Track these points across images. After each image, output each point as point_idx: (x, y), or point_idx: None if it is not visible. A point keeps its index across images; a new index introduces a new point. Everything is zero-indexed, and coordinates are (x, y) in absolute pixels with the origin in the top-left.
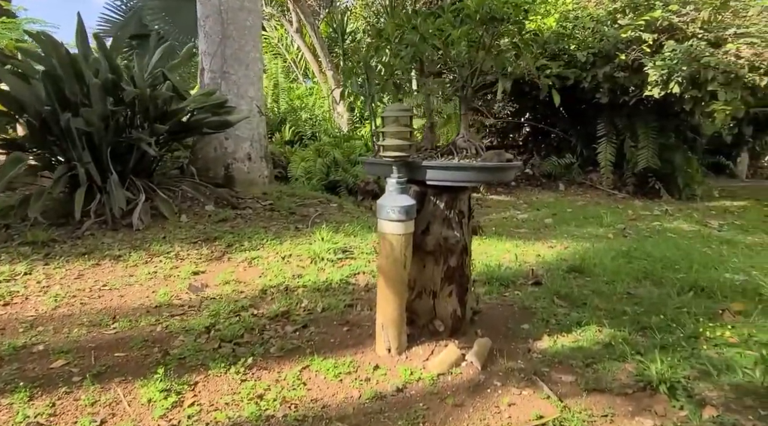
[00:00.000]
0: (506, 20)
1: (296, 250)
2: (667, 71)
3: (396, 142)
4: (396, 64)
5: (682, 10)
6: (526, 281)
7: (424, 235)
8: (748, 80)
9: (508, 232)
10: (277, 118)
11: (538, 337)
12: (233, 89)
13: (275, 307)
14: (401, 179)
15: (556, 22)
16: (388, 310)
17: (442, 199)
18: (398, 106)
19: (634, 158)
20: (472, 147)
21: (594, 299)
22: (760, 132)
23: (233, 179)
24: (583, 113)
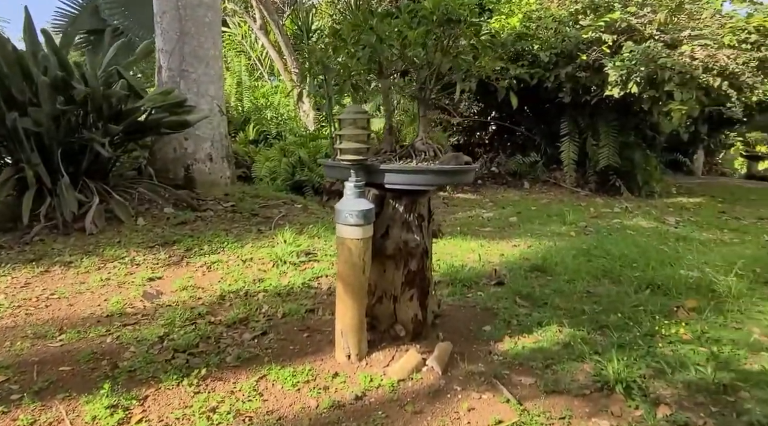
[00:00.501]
0: (462, 22)
1: (258, 253)
2: (626, 71)
3: (353, 145)
4: (353, 65)
5: (640, 11)
6: (489, 281)
7: (384, 239)
8: (702, 81)
9: (474, 232)
10: (241, 117)
11: (499, 339)
12: (193, 88)
13: (233, 314)
14: (359, 183)
15: (519, 22)
16: (348, 316)
17: (401, 202)
18: (355, 109)
19: (596, 156)
20: (430, 149)
21: (555, 299)
22: (714, 130)
23: (194, 180)
24: (546, 112)
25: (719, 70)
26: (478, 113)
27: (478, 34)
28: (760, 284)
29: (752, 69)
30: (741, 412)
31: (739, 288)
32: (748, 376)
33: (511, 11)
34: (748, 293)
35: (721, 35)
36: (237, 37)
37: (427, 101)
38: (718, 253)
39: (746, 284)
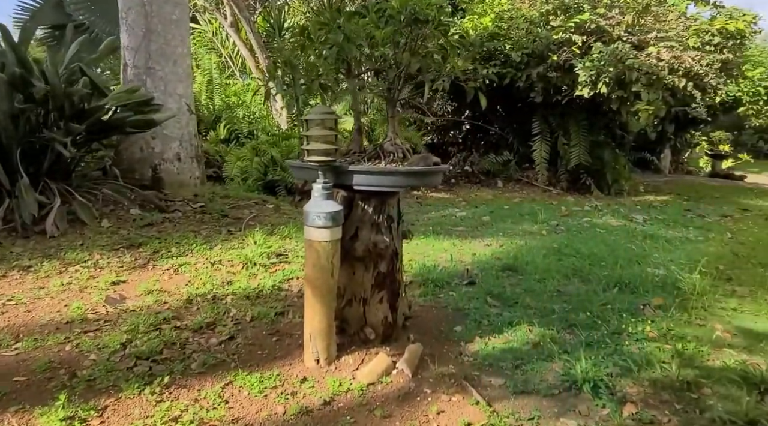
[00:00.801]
0: (430, 22)
1: (227, 255)
2: (595, 72)
3: (321, 146)
4: (319, 64)
5: (609, 13)
6: (461, 281)
7: (353, 241)
8: (668, 82)
9: (447, 231)
10: (211, 115)
11: (470, 340)
12: (160, 86)
13: (200, 319)
14: (327, 184)
15: (491, 22)
16: (316, 320)
17: (370, 204)
18: (322, 109)
19: (567, 155)
20: (399, 151)
21: (525, 298)
22: (680, 130)
23: (161, 181)
24: (519, 112)
25: (684, 71)
26: (451, 112)
27: (446, 35)
28: (723, 281)
29: (715, 70)
30: (704, 408)
31: (703, 285)
32: (710, 372)
33: (484, 11)
34: (711, 290)
35: (685, 37)
36: (208, 34)
37: (396, 101)
38: (684, 250)
39: (709, 281)
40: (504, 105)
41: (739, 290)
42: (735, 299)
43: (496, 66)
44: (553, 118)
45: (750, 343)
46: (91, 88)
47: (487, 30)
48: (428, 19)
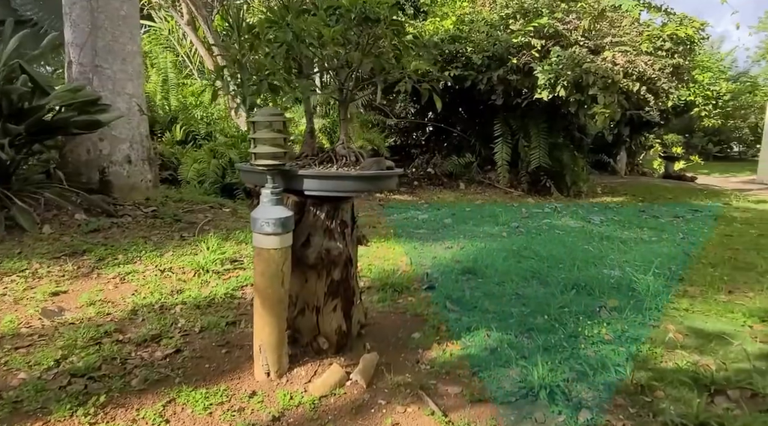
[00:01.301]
0: (382, 21)
1: (178, 261)
2: (553, 75)
3: (269, 149)
4: (267, 64)
5: (566, 18)
6: (421, 286)
7: (305, 248)
8: (623, 85)
9: (408, 233)
10: (167, 116)
11: (427, 347)
12: (107, 85)
13: (145, 331)
14: (276, 189)
15: (453, 25)
16: (266, 331)
17: (322, 209)
18: (270, 111)
19: (528, 157)
20: (351, 154)
21: (484, 302)
22: (635, 133)
23: (110, 184)
24: (481, 114)
25: (638, 75)
26: (414, 114)
27: (399, 34)
28: (675, 282)
29: (667, 75)
30: (657, 412)
31: (656, 286)
32: (663, 374)
33: (445, 14)
34: (665, 291)
35: (639, 42)
36: (164, 32)
37: (348, 103)
38: (638, 251)
39: (663, 282)
40: (466, 107)
41: (690, 290)
42: (687, 299)
43: (458, 68)
44: (514, 120)
45: (701, 344)
46: (31, 86)
47: (449, 33)
48: (379, 18)
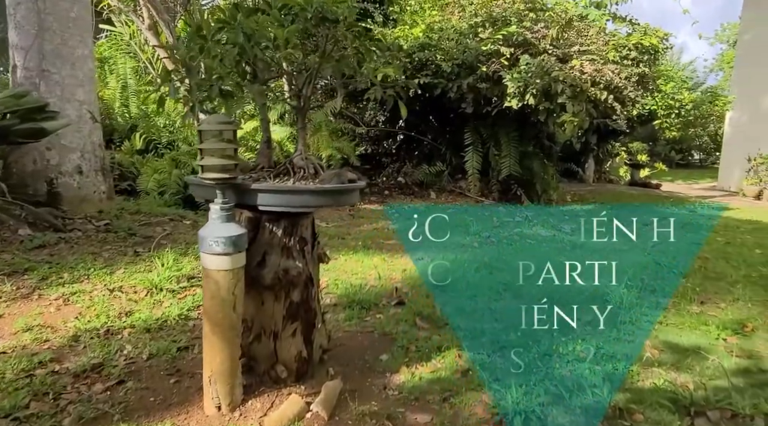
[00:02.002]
0: (341, 22)
1: (130, 280)
2: (523, 83)
3: (218, 161)
4: (215, 67)
5: (534, 26)
6: (390, 301)
7: (260, 268)
8: (591, 94)
9: (378, 245)
10: (126, 124)
11: (396, 370)
12: (56, 91)
13: (86, 360)
14: (226, 205)
15: (422, 33)
16: (217, 360)
17: (279, 225)
18: (219, 119)
19: (498, 166)
20: (310, 166)
21: (456, 318)
22: (602, 141)
23: (59, 196)
24: (451, 122)
25: (605, 83)
26: (385, 122)
27: (360, 37)
28: (648, 292)
29: (633, 83)
30: None
31: (630, 298)
32: (642, 396)
33: (415, 22)
34: (638, 302)
35: (605, 51)
36: (124, 36)
37: (306, 111)
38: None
39: (636, 293)
40: (437, 115)
41: (663, 302)
42: (660, 311)
43: (428, 76)
44: (484, 128)
45: (677, 360)
46: None
47: (418, 40)
48: (338, 19)
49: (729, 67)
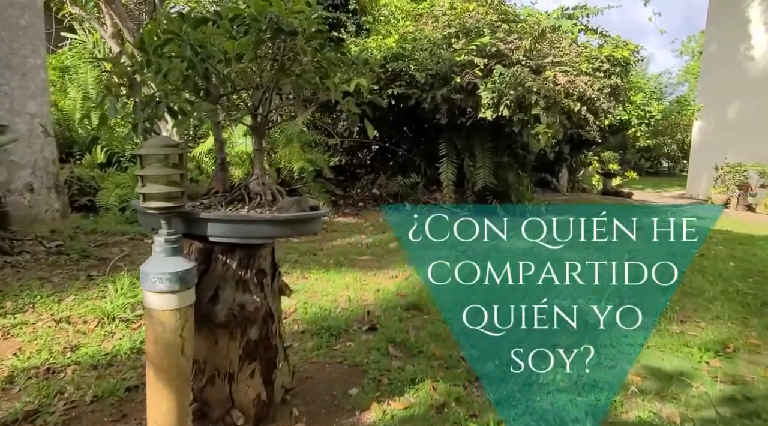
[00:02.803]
0: (299, 34)
1: (80, 308)
2: (497, 94)
3: (162, 188)
4: (157, 83)
5: (508, 38)
6: (361, 326)
7: (213, 304)
8: (564, 105)
9: (351, 261)
10: (87, 136)
11: (366, 407)
12: (4, 103)
13: (19, 406)
14: (172, 236)
15: (396, 43)
16: (163, 409)
17: (234, 257)
18: (163, 141)
19: (473, 177)
20: (267, 192)
21: (430, 345)
22: (575, 150)
23: (7, 216)
24: (426, 133)
25: (579, 95)
26: (359, 133)
27: (322, 49)
28: (627, 310)
29: (606, 95)
30: None
31: (610, 318)
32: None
33: (388, 32)
34: (618, 322)
35: (578, 62)
36: (88, 45)
37: (264, 130)
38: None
39: (614, 311)
40: (411, 126)
41: (643, 321)
42: (641, 331)
43: (401, 87)
44: (459, 140)
45: (661, 387)
46: None
47: (392, 50)
48: (296, 31)
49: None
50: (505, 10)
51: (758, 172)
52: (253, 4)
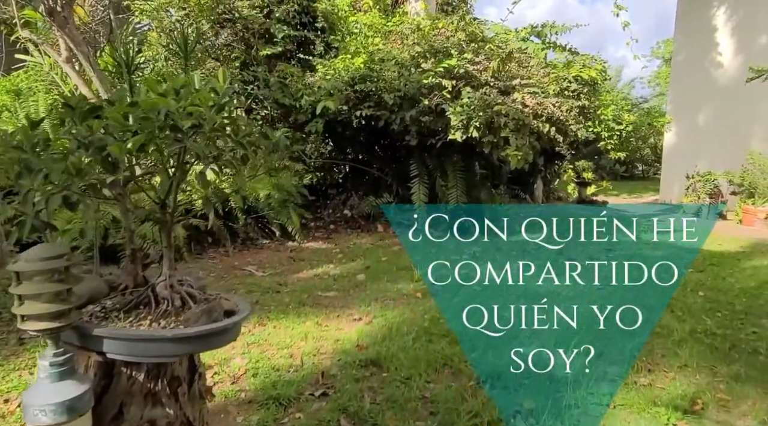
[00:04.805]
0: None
1: (3, 383)
2: (466, 117)
3: (45, 308)
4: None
5: (476, 58)
6: (314, 392)
7: (117, 423)
8: (533, 127)
9: (315, 300)
10: None
11: None
12: None
13: None
14: (60, 357)
15: (364, 64)
16: None
17: (140, 368)
18: (44, 252)
19: (446, 197)
20: (176, 297)
21: (386, 413)
22: (549, 162)
23: None
24: (397, 152)
25: (547, 116)
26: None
27: (237, 135)
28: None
29: (575, 116)
30: None
31: (576, 369)
32: None
33: (357, 51)
34: (586, 375)
35: (546, 83)
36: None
37: (172, 225)
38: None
39: (582, 361)
40: (382, 146)
41: (610, 372)
42: (607, 385)
43: (370, 108)
44: (430, 159)
45: None
46: None
47: (359, 71)
48: (199, 124)
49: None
50: (473, 31)
51: (728, 180)
52: (142, 101)
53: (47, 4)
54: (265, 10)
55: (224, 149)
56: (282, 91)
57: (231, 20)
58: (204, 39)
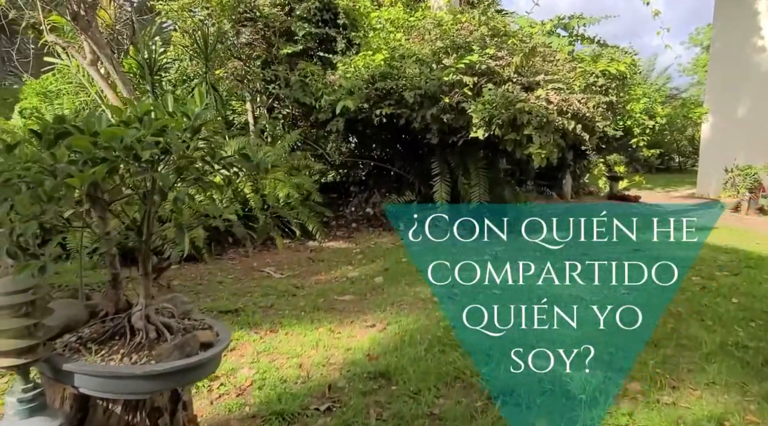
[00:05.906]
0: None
1: None
2: (487, 114)
3: (12, 344)
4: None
5: (498, 53)
6: (319, 406)
7: None
8: (558, 124)
9: (329, 305)
10: None
11: None
12: None
13: None
14: (29, 393)
15: (384, 61)
16: None
17: (117, 401)
18: (9, 286)
19: (468, 195)
20: (152, 329)
21: None
22: (578, 157)
23: None
24: (419, 150)
25: (573, 113)
26: (354, 149)
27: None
28: (614, 373)
29: (602, 112)
30: None
31: (593, 386)
32: None
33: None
34: (602, 391)
35: (572, 79)
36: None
37: (148, 253)
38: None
39: (600, 376)
40: (404, 144)
41: (630, 388)
42: (627, 403)
43: (391, 106)
44: (451, 157)
45: None
46: None
47: (380, 68)
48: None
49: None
50: (495, 26)
51: None
52: (102, 130)
53: (71, 9)
54: (286, 7)
55: (207, 171)
56: (303, 89)
57: (252, 19)
58: (226, 38)
